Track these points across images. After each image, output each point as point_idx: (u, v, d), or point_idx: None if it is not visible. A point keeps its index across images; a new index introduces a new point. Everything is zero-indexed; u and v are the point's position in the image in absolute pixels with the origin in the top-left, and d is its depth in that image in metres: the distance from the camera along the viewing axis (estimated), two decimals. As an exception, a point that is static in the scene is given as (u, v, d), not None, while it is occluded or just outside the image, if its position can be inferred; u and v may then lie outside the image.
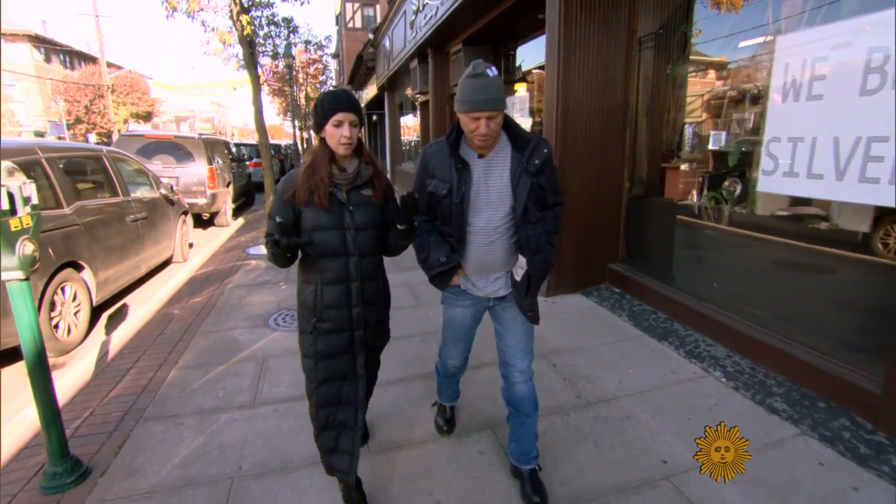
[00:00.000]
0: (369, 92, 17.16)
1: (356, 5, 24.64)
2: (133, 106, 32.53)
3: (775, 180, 2.85)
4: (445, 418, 2.43)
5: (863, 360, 2.48)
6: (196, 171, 8.35)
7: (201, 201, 8.42)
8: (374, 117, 19.39)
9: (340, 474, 1.86)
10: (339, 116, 1.66)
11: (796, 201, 3.03)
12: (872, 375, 2.35)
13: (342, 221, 1.71)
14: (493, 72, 1.70)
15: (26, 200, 1.85)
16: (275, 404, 2.71)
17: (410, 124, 13.55)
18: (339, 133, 1.67)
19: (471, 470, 2.17)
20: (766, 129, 2.89)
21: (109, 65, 28.80)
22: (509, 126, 1.84)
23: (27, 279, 1.89)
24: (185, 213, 6.81)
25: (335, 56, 30.86)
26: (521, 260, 1.89)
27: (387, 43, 11.71)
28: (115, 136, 27.45)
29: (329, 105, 1.67)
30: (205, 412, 2.65)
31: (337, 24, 28.78)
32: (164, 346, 3.58)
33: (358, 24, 24.56)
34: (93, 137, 30.12)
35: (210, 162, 8.52)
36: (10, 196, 1.78)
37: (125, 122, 31.42)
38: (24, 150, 3.64)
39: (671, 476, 2.10)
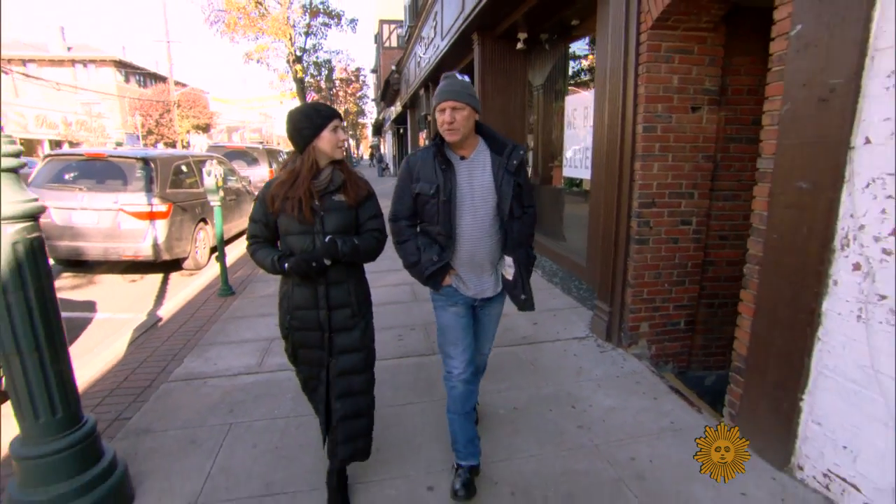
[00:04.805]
0: (396, 108, 20.28)
1: (392, 26, 27.79)
2: (195, 119, 37.14)
3: (568, 169, 5.49)
4: (463, 481, 2.02)
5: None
6: (260, 172, 11.49)
7: (264, 194, 11.53)
8: (401, 130, 22.52)
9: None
10: (335, 122, 1.77)
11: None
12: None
13: (312, 227, 1.77)
14: (462, 76, 1.81)
15: (221, 175, 4.77)
16: (313, 279, 5.56)
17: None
18: (335, 137, 1.76)
19: None
20: (564, 143, 5.54)
21: (176, 83, 33.29)
22: (486, 131, 1.97)
23: (220, 205, 4.81)
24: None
25: (374, 71, 34.42)
26: (508, 259, 1.98)
27: (406, 71, 14.71)
28: (178, 146, 32.00)
29: (326, 112, 1.78)
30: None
31: (375, 42, 32.27)
32: (252, 265, 6.50)
33: (393, 43, 27.59)
34: (161, 147, 34.80)
35: (270, 165, 11.66)
36: (218, 173, 4.69)
37: (187, 132, 35.97)
38: (182, 157, 6.72)
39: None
